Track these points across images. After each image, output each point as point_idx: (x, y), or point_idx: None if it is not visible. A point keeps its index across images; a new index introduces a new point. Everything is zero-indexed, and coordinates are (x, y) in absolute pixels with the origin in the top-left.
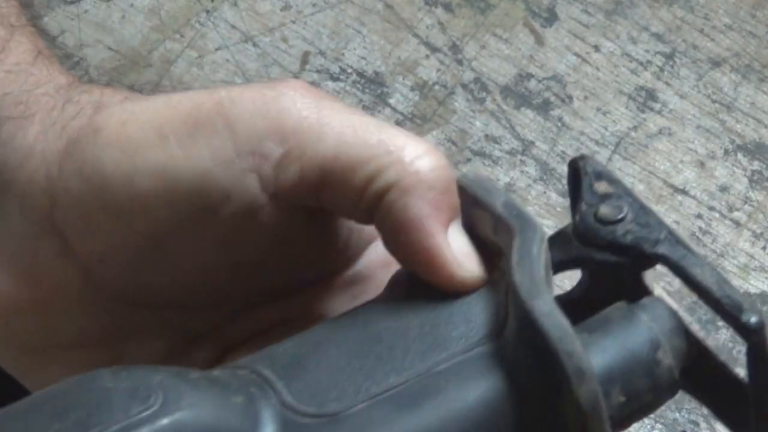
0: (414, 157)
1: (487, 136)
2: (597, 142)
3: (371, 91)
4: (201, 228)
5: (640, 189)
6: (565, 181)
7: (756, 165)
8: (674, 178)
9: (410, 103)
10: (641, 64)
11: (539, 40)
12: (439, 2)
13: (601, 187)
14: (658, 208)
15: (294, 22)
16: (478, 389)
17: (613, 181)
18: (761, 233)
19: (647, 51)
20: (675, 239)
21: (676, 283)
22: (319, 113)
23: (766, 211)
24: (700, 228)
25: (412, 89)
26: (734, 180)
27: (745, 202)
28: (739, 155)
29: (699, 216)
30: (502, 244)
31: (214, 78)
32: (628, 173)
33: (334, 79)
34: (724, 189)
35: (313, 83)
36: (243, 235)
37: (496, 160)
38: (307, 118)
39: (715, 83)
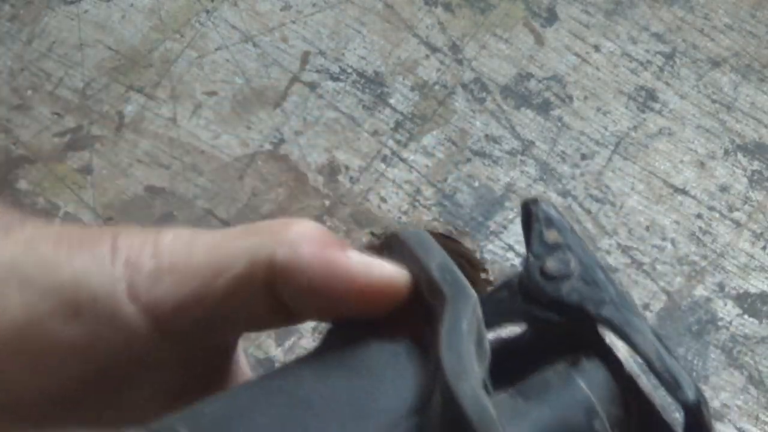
0: (284, 225)
1: (487, 136)
2: (597, 142)
3: (371, 91)
4: (60, 325)
5: (640, 189)
6: (565, 181)
7: (756, 165)
8: (674, 178)
9: (410, 103)
10: (641, 64)
11: (539, 40)
12: (439, 2)
13: (551, 236)
14: (658, 208)
15: (294, 22)
16: None
17: (563, 229)
18: (761, 233)
19: (647, 51)
20: (620, 301)
21: None
22: (194, 232)
23: (766, 211)
24: (700, 228)
25: (412, 89)
26: (734, 180)
27: (745, 202)
28: (739, 155)
29: (699, 216)
30: (436, 309)
31: (214, 78)
32: (628, 173)
33: (334, 79)
34: (724, 189)
35: (313, 83)
36: (104, 344)
37: (496, 160)
38: (181, 234)
39: (715, 83)
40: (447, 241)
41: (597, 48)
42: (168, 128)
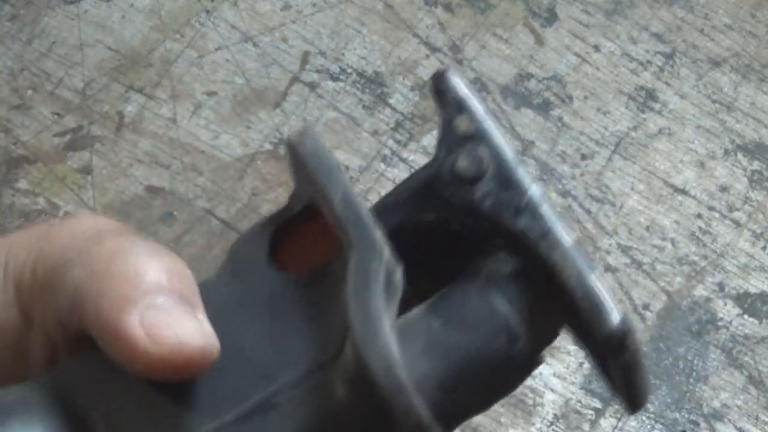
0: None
1: None
2: (597, 142)
3: (371, 91)
4: None
5: (640, 189)
6: (565, 181)
7: (756, 165)
8: (674, 178)
9: (410, 103)
10: (641, 64)
11: (539, 40)
12: (439, 2)
13: (462, 124)
14: (658, 208)
15: (294, 22)
16: (302, 425)
17: (474, 115)
18: (761, 233)
19: (647, 51)
20: (539, 205)
21: None
22: (84, 245)
23: (766, 211)
24: (700, 228)
25: (412, 89)
26: (734, 180)
27: (745, 202)
28: (739, 155)
29: (699, 216)
30: (342, 245)
31: (214, 78)
32: (628, 173)
33: (334, 79)
34: (724, 189)
35: (313, 83)
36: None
37: None
38: (68, 248)
39: (715, 83)
40: None
41: (597, 48)
42: (168, 128)
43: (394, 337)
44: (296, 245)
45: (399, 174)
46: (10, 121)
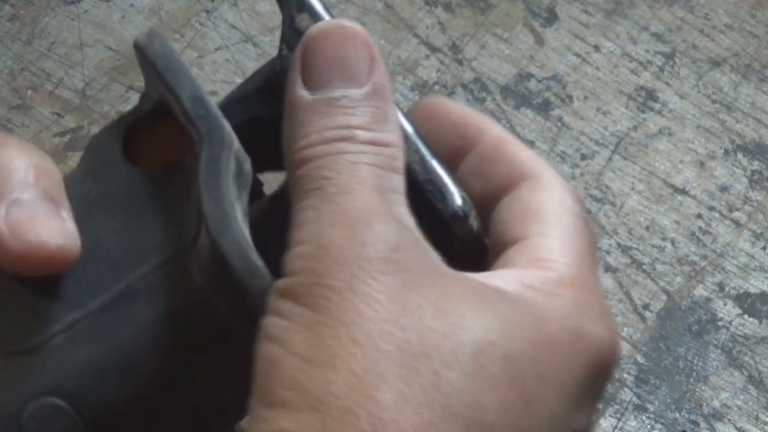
0: None
1: None
2: (597, 142)
3: None
4: None
5: (640, 189)
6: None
7: (756, 165)
8: (674, 178)
9: (410, 103)
10: (641, 64)
11: (539, 40)
12: (439, 2)
13: (303, 22)
14: (658, 208)
15: None
16: (161, 309)
17: (315, 15)
18: (761, 233)
19: (647, 51)
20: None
21: None
22: None
23: (766, 211)
24: (700, 228)
25: (412, 89)
26: (734, 180)
27: (745, 202)
28: (739, 155)
29: (699, 216)
30: (193, 139)
31: (214, 78)
32: (628, 173)
33: None
34: (724, 189)
35: None
36: None
37: None
38: None
39: (715, 83)
40: None
41: (597, 48)
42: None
43: (246, 224)
44: (149, 142)
45: None
46: (10, 121)
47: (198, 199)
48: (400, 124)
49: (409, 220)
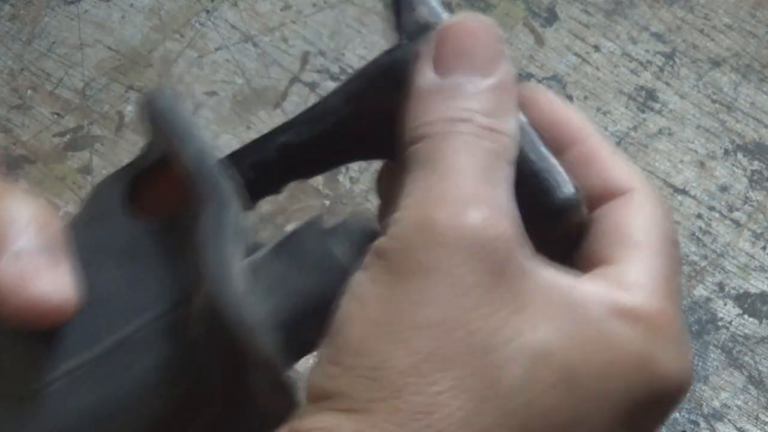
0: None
1: None
2: None
3: None
4: None
5: None
6: None
7: (756, 165)
8: (674, 178)
9: None
10: (641, 64)
11: (539, 40)
12: None
13: (423, 15)
14: None
15: (294, 22)
16: (159, 360)
17: (433, 9)
18: (761, 233)
19: (647, 51)
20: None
21: None
22: None
23: (766, 211)
24: (700, 228)
25: None
26: (734, 180)
27: (745, 202)
28: (739, 155)
29: (699, 216)
30: (195, 197)
31: (214, 78)
32: None
33: (334, 79)
34: (724, 189)
35: (313, 83)
36: None
37: None
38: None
39: (715, 83)
40: None
41: (597, 48)
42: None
43: (242, 280)
44: (151, 193)
45: None
46: (10, 121)
47: (197, 254)
48: (518, 119)
49: (511, 210)
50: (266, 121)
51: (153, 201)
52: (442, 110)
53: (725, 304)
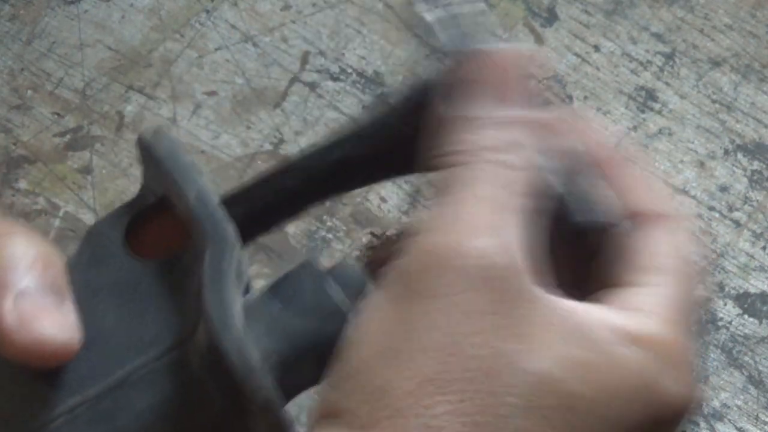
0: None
1: None
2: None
3: (371, 91)
4: None
5: None
6: None
7: (756, 165)
8: (674, 178)
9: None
10: (641, 64)
11: (539, 40)
12: None
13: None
14: None
15: (294, 22)
16: (159, 398)
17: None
18: (761, 233)
19: (647, 51)
20: None
21: None
22: None
23: (766, 211)
24: (700, 228)
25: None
26: (734, 180)
27: (745, 202)
28: (739, 155)
29: (699, 216)
30: (196, 238)
31: (214, 78)
32: None
33: (334, 79)
34: (724, 189)
35: (313, 83)
36: None
37: None
38: None
39: (715, 83)
40: None
41: (597, 48)
42: (168, 128)
43: (241, 321)
44: (149, 233)
45: None
46: (10, 121)
47: (198, 295)
48: (537, 149)
49: (517, 241)
50: (266, 121)
51: (151, 241)
52: (454, 143)
53: (725, 304)
